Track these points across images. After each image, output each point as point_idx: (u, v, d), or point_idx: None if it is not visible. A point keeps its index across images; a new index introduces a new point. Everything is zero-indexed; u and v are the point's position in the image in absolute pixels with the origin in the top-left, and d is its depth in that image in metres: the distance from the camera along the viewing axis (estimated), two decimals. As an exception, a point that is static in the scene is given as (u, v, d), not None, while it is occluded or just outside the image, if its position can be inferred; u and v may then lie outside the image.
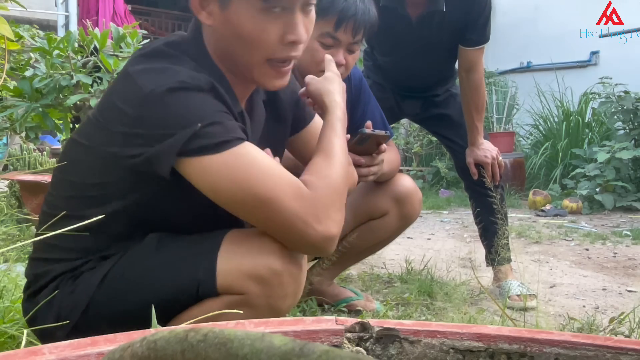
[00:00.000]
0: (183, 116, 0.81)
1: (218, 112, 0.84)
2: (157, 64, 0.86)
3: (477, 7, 1.77)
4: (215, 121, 0.82)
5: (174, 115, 0.81)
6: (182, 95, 0.82)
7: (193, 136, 0.80)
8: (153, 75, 0.83)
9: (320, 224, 0.84)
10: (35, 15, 5.58)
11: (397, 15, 1.77)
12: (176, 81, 0.82)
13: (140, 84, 0.83)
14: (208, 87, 0.85)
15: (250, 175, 0.82)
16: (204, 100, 0.84)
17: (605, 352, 0.46)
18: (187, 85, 0.82)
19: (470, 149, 1.97)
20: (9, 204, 2.61)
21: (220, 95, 0.86)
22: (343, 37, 1.43)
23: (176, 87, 0.82)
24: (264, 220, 0.85)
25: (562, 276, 2.34)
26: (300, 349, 0.26)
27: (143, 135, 0.82)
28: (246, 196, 0.82)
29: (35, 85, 2.11)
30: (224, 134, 0.82)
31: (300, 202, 0.84)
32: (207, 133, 0.81)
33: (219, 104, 0.85)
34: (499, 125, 5.86)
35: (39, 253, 0.96)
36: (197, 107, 0.82)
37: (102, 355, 0.40)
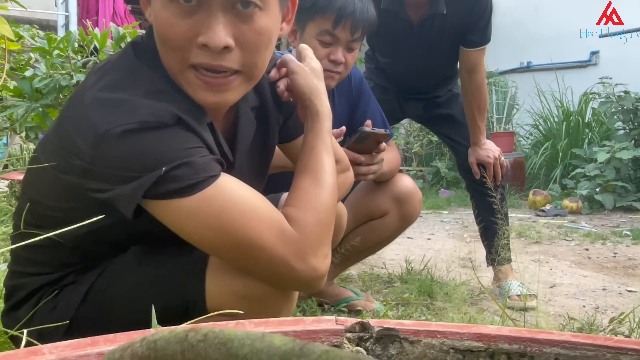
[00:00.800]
0: (145, 159, 0.71)
1: (185, 149, 0.73)
2: (112, 94, 0.74)
3: (478, 9, 1.77)
4: (183, 162, 0.72)
5: (134, 158, 0.71)
6: (141, 136, 0.71)
7: (158, 181, 0.71)
8: (108, 111, 0.72)
9: (307, 263, 0.76)
10: (35, 15, 5.57)
11: (398, 18, 1.77)
12: (135, 121, 0.71)
13: (95, 121, 0.72)
14: (172, 120, 0.74)
15: (226, 219, 0.73)
16: (168, 138, 0.73)
17: (605, 352, 0.46)
18: (147, 124, 0.71)
19: (472, 149, 1.97)
20: (9, 204, 2.61)
21: (187, 124, 0.75)
22: (342, 34, 1.44)
23: (135, 129, 0.71)
24: (246, 264, 0.78)
25: (562, 276, 2.34)
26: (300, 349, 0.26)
27: (102, 174, 0.73)
28: (223, 242, 0.74)
29: (35, 85, 2.11)
30: (193, 175, 0.72)
31: (284, 245, 0.75)
32: (174, 176, 0.71)
33: (186, 139, 0.74)
34: (499, 125, 5.86)
35: (15, 265, 0.91)
36: (161, 148, 0.72)
37: (102, 355, 0.40)
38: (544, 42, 6.09)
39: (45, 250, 0.85)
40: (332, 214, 0.84)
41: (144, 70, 0.79)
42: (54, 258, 0.87)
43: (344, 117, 1.69)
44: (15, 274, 0.92)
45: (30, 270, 0.89)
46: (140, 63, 0.80)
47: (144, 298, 0.80)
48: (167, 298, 0.80)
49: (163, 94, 0.77)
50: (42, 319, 0.84)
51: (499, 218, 1.92)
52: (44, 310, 0.86)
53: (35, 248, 0.82)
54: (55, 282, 0.87)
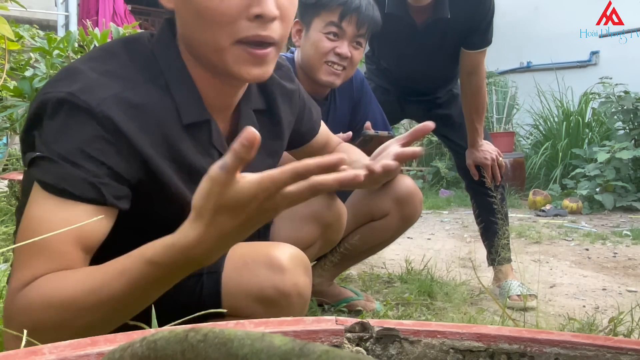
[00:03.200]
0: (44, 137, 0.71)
1: (80, 151, 0.69)
2: (77, 63, 0.76)
3: (480, 11, 1.77)
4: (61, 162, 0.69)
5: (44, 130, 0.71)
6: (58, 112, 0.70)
7: (36, 161, 0.70)
8: (60, 77, 0.74)
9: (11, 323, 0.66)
10: (35, 15, 5.57)
11: (402, 22, 1.78)
12: (66, 92, 0.70)
13: (48, 82, 0.75)
14: (100, 113, 0.70)
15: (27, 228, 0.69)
16: (76, 129, 0.70)
17: (605, 352, 0.46)
18: (73, 99, 0.70)
19: (470, 151, 1.97)
20: (9, 204, 2.61)
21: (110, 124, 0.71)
22: (348, 28, 1.45)
23: (60, 100, 0.70)
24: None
25: (562, 276, 2.34)
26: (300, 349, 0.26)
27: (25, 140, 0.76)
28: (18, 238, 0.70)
29: (35, 85, 2.11)
30: (54, 177, 0.69)
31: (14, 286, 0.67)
32: (43, 164, 0.70)
33: (90, 141, 0.70)
34: (499, 125, 5.85)
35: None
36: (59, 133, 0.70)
37: (102, 355, 0.40)
38: (544, 42, 6.09)
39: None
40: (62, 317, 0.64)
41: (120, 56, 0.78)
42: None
43: (345, 118, 1.69)
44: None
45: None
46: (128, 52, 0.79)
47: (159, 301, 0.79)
48: (181, 299, 0.79)
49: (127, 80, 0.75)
50: None
51: (499, 218, 1.93)
52: None
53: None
54: None
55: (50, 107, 0.71)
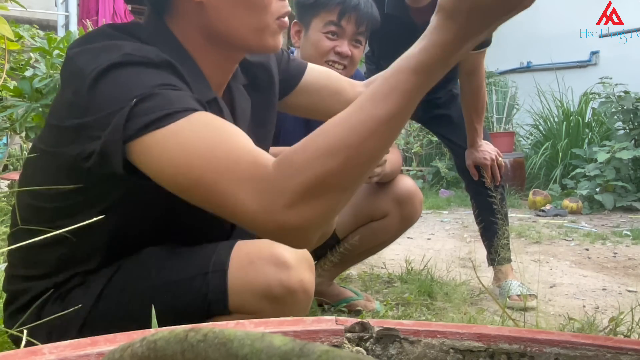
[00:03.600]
0: (122, 93, 0.68)
1: (162, 84, 0.69)
2: (98, 43, 0.75)
3: None
4: (154, 92, 0.67)
5: (114, 93, 0.69)
6: (125, 70, 0.70)
7: (130, 116, 0.66)
8: (94, 55, 0.72)
9: (277, 214, 0.61)
10: (35, 15, 5.58)
11: (402, 22, 1.78)
12: (119, 55, 0.70)
13: (80, 65, 0.72)
14: (159, 60, 0.72)
15: (191, 154, 0.64)
16: (150, 72, 0.70)
17: (605, 352, 0.46)
18: (130, 57, 0.70)
19: (469, 151, 1.97)
20: (9, 204, 2.61)
21: (175, 69, 0.74)
22: (347, 26, 1.45)
23: (118, 62, 0.70)
24: (212, 208, 0.67)
25: (562, 276, 2.34)
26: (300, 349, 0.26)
27: (93, 125, 0.70)
28: (188, 180, 0.65)
29: (35, 85, 2.11)
30: (166, 106, 0.66)
31: (249, 185, 0.62)
32: (145, 108, 0.66)
33: (167, 77, 0.71)
34: (499, 125, 5.86)
35: (14, 269, 0.89)
36: (140, 81, 0.69)
37: (102, 355, 0.40)
38: (544, 42, 6.09)
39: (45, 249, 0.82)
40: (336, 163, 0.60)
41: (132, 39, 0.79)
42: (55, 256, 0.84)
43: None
44: (15, 278, 0.89)
45: (31, 273, 0.86)
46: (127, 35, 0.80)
47: (165, 299, 0.80)
48: (188, 298, 0.80)
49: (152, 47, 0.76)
50: (52, 323, 0.82)
51: (499, 218, 1.93)
52: (53, 313, 0.83)
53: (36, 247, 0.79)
54: (62, 285, 0.85)
55: (109, 73, 0.70)
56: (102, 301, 0.83)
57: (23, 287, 0.87)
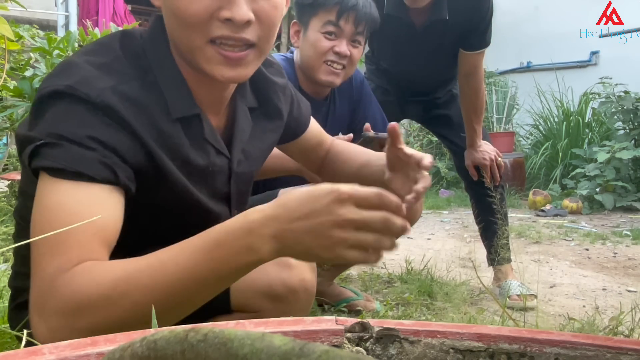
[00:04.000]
0: (47, 126, 0.70)
1: (87, 137, 0.69)
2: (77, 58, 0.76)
3: (479, 13, 1.77)
4: (67, 144, 0.68)
5: (43, 121, 0.71)
6: (58, 103, 0.71)
7: (40, 150, 0.69)
8: (56, 72, 0.74)
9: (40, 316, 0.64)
10: (35, 15, 5.57)
11: (402, 23, 1.78)
12: (64, 85, 0.71)
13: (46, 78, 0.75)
14: (99, 102, 0.71)
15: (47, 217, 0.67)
16: (78, 116, 0.70)
17: (605, 352, 0.46)
18: (72, 91, 0.70)
19: (468, 152, 1.97)
20: (9, 203, 2.61)
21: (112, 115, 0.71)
22: (346, 26, 1.45)
23: (59, 91, 0.71)
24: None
25: (562, 276, 2.34)
26: (300, 349, 0.26)
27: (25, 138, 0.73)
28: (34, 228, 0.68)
29: (35, 85, 2.11)
30: (64, 161, 0.68)
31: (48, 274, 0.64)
32: (50, 152, 0.69)
33: (95, 126, 0.70)
34: (499, 125, 5.86)
35: (20, 266, 0.89)
36: (62, 121, 0.70)
37: (102, 355, 0.40)
38: (544, 42, 6.09)
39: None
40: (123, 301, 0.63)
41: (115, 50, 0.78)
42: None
43: (344, 119, 1.69)
44: (20, 275, 0.90)
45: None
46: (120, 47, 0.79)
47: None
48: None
49: (121, 74, 0.75)
50: None
51: (499, 218, 1.93)
52: None
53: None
54: None
55: (49, 99, 0.71)
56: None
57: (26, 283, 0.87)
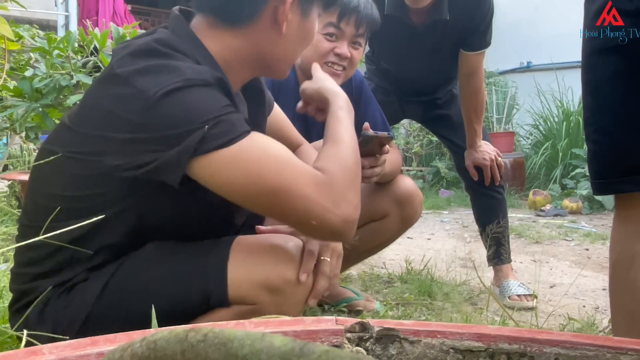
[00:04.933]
0: (192, 116, 0.76)
1: (224, 106, 0.80)
2: (152, 63, 0.80)
3: (479, 13, 1.77)
4: (223, 118, 0.78)
5: (183, 116, 0.76)
6: (189, 92, 0.77)
7: (208, 134, 0.76)
8: (153, 76, 0.78)
9: (339, 208, 0.82)
10: (35, 15, 5.57)
11: (402, 23, 1.78)
12: (182, 79, 0.77)
13: (140, 86, 0.76)
14: (214, 80, 0.81)
15: (262, 167, 0.78)
16: (211, 95, 0.80)
17: (605, 352, 0.46)
18: (192, 82, 0.78)
19: (468, 152, 1.97)
20: (9, 204, 2.61)
21: (225, 87, 0.83)
22: (347, 28, 1.45)
23: (182, 86, 0.77)
24: (282, 211, 0.81)
25: (562, 276, 2.34)
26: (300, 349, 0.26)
27: (149, 141, 0.77)
28: (260, 189, 0.78)
29: (35, 85, 2.11)
30: (232, 130, 0.78)
31: (317, 188, 0.80)
32: (215, 131, 0.77)
33: (224, 98, 0.81)
34: (499, 125, 5.86)
35: (22, 268, 0.91)
36: (206, 105, 0.78)
37: (102, 355, 0.40)
38: (544, 42, 6.09)
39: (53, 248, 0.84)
40: (356, 167, 0.91)
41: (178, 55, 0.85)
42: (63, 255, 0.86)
43: (344, 118, 1.69)
44: (22, 276, 0.90)
45: (37, 271, 0.88)
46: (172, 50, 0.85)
47: (166, 291, 0.83)
48: (188, 289, 0.83)
49: (198, 63, 0.85)
50: (56, 317, 0.84)
51: (499, 218, 1.93)
52: (57, 307, 0.85)
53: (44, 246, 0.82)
54: (67, 281, 0.87)
55: (173, 95, 0.76)
56: (105, 294, 0.85)
57: (29, 286, 0.89)
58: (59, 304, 0.85)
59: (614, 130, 0.86)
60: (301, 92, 1.14)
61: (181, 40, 0.87)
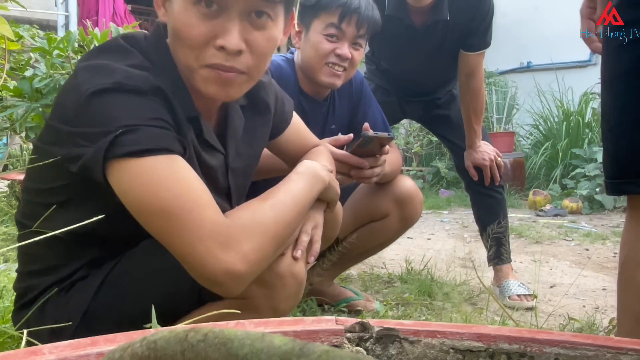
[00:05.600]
0: (110, 119, 0.75)
1: (151, 119, 0.77)
2: (101, 60, 0.80)
3: (479, 13, 1.77)
4: (141, 128, 0.75)
5: (102, 117, 0.76)
6: (113, 96, 0.76)
7: (115, 141, 0.74)
8: (92, 74, 0.78)
9: (226, 254, 0.75)
10: (35, 15, 5.57)
11: (402, 24, 1.78)
12: (111, 82, 0.76)
13: (79, 81, 0.78)
14: (148, 87, 0.78)
15: (163, 186, 0.74)
16: (138, 102, 0.77)
17: (605, 352, 0.46)
18: (121, 86, 0.77)
19: (468, 152, 1.98)
20: (9, 204, 2.62)
21: (162, 97, 0.80)
22: (347, 29, 1.45)
23: (109, 88, 0.76)
24: (169, 237, 0.76)
25: (562, 276, 2.34)
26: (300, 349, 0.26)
27: (80, 135, 0.77)
28: (152, 207, 0.75)
29: (35, 85, 2.11)
30: (146, 141, 0.75)
31: (211, 226, 0.75)
32: (128, 137, 0.75)
33: (155, 109, 0.78)
34: (499, 125, 5.86)
35: (24, 266, 0.92)
36: (126, 111, 0.76)
37: (102, 355, 0.40)
38: (544, 42, 6.09)
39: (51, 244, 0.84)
40: (270, 221, 0.82)
41: (134, 52, 0.84)
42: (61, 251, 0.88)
43: (344, 119, 1.69)
44: (25, 275, 0.92)
45: (38, 268, 0.89)
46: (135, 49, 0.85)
47: (159, 285, 0.84)
48: (180, 283, 0.84)
49: (150, 70, 0.82)
50: (55, 314, 0.86)
51: (499, 218, 1.93)
52: (57, 305, 0.87)
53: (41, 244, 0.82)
54: (67, 278, 0.88)
55: (97, 97, 0.76)
56: (102, 290, 0.86)
57: (29, 283, 0.90)
58: (59, 301, 0.87)
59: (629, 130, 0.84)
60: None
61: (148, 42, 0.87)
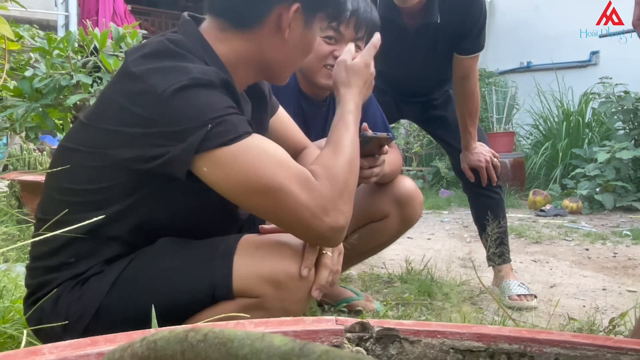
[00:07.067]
0: (197, 114, 0.81)
1: (227, 107, 0.84)
2: (165, 63, 0.85)
3: (471, 17, 1.77)
4: (226, 118, 0.82)
5: (188, 114, 0.81)
6: (195, 92, 0.82)
7: (209, 132, 0.80)
8: (164, 74, 0.83)
9: (328, 215, 0.85)
10: (35, 15, 5.57)
11: (394, 25, 1.78)
12: (188, 78, 0.82)
13: (152, 83, 0.82)
14: (219, 81, 0.86)
15: (259, 166, 0.82)
16: (215, 95, 0.84)
17: (605, 352, 0.46)
18: (198, 81, 0.83)
19: (464, 154, 1.97)
20: (9, 204, 2.61)
21: (231, 88, 0.88)
22: (346, 31, 1.45)
23: (188, 85, 0.82)
24: (274, 211, 0.85)
25: (562, 276, 2.34)
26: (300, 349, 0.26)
27: (158, 135, 0.82)
28: (255, 187, 0.82)
29: (35, 85, 2.11)
30: (233, 129, 0.82)
31: (309, 193, 0.84)
32: (217, 130, 0.81)
33: (228, 99, 0.86)
34: (499, 125, 5.86)
35: (38, 262, 0.94)
36: (210, 104, 0.83)
37: (102, 355, 0.40)
38: (544, 42, 6.10)
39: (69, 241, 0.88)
40: (352, 176, 0.93)
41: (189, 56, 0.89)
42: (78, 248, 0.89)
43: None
44: (37, 270, 0.93)
45: (53, 263, 0.90)
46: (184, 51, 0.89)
47: (174, 283, 0.86)
48: (195, 281, 0.86)
49: (206, 64, 0.89)
50: (69, 309, 0.87)
51: (498, 218, 1.93)
52: (71, 299, 0.88)
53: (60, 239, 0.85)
54: (82, 274, 0.90)
55: (181, 93, 0.81)
56: (117, 286, 0.87)
57: (46, 278, 0.91)
58: (72, 296, 0.88)
59: None
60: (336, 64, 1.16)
61: (191, 42, 0.92)
